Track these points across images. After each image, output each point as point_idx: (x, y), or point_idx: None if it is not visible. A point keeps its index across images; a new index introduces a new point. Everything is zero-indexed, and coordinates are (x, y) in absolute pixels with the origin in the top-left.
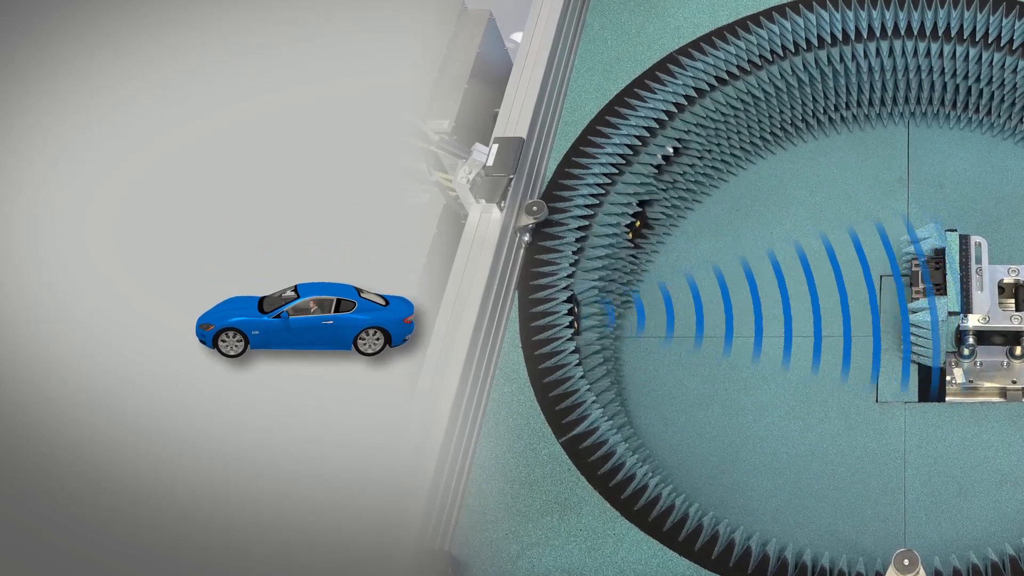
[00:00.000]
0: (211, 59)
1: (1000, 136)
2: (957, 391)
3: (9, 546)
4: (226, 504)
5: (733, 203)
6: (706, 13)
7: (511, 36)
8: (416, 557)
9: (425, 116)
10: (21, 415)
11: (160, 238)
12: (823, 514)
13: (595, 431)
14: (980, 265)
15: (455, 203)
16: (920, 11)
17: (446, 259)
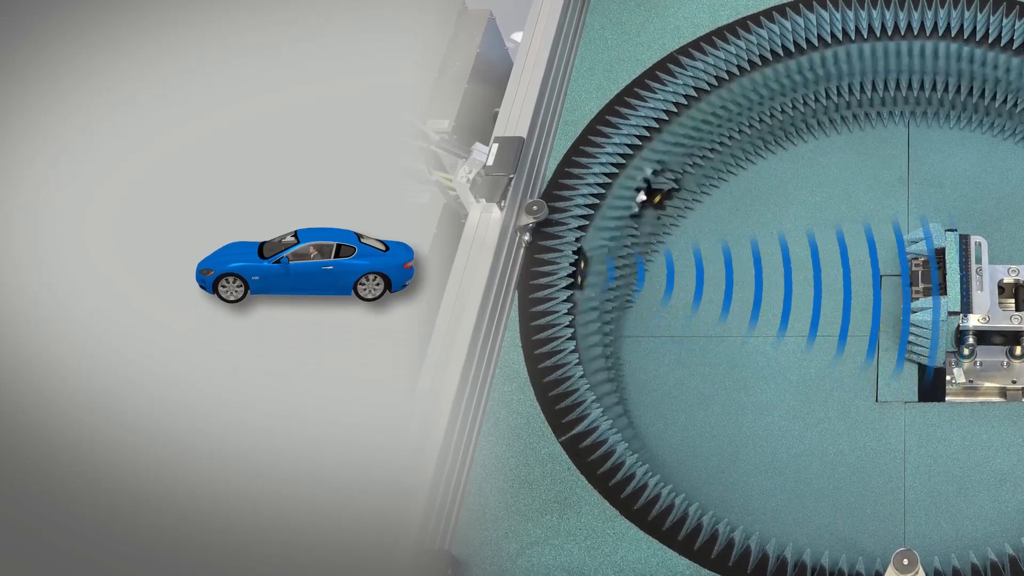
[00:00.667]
0: (211, 59)
1: (1000, 136)
2: (957, 391)
3: (9, 546)
4: (226, 504)
5: (733, 203)
6: (706, 13)
7: (511, 36)
8: (416, 557)
9: (425, 116)
10: (21, 415)
11: (160, 238)
12: (823, 514)
13: (595, 430)
14: (980, 265)
15: (455, 203)
16: (920, 11)
17: (446, 259)
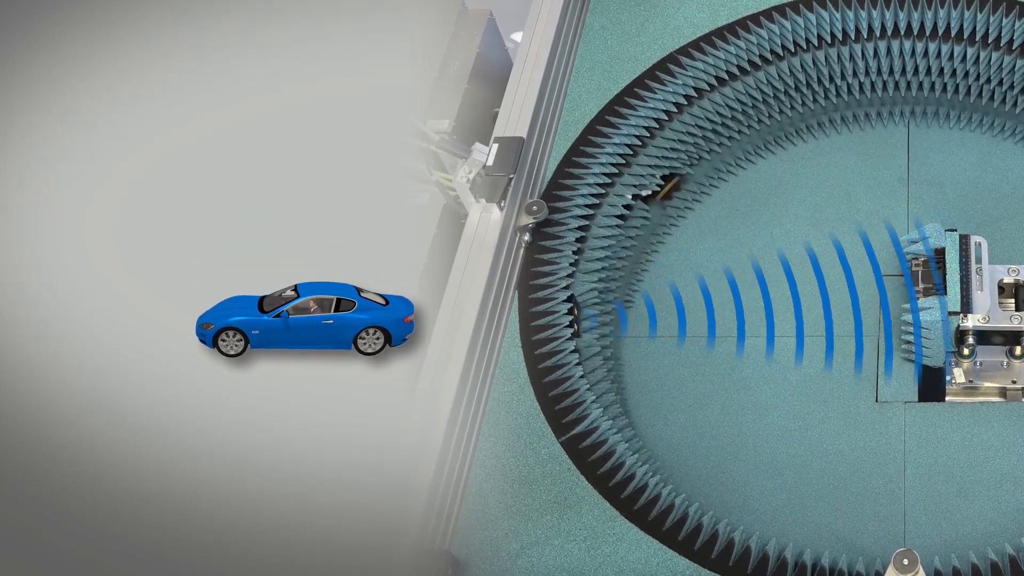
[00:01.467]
0: (211, 59)
1: (1000, 136)
2: (957, 391)
3: (9, 546)
4: (226, 504)
5: (733, 203)
6: (706, 13)
7: (511, 36)
8: (416, 557)
9: (425, 116)
10: (21, 415)
11: (160, 238)
12: (823, 514)
13: (595, 430)
14: (980, 265)
15: (455, 203)
16: (920, 11)
17: (446, 259)
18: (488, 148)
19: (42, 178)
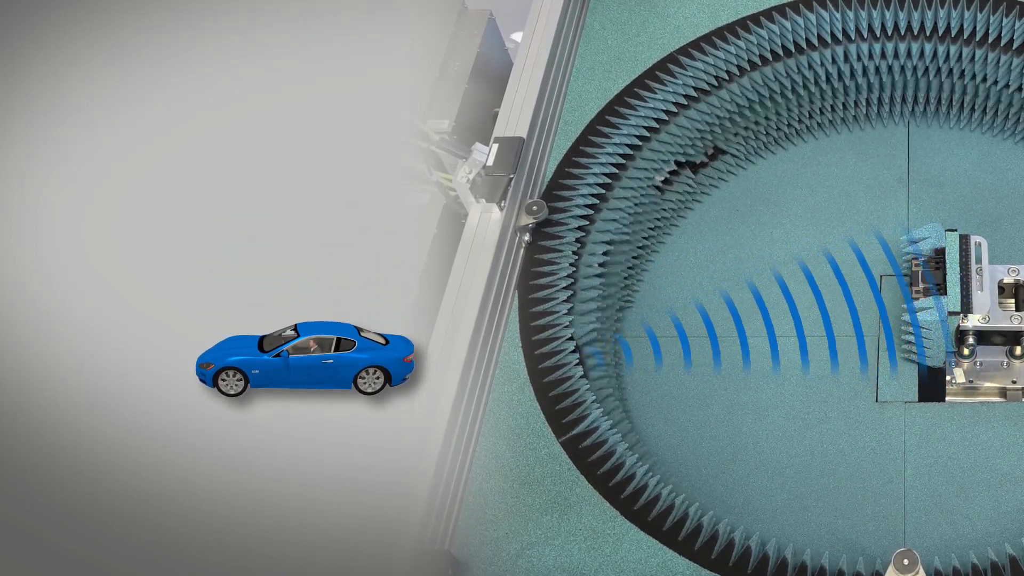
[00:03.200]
0: (211, 59)
1: (1000, 136)
2: (957, 391)
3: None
4: (226, 504)
5: (733, 203)
6: (706, 13)
7: (511, 36)
8: (416, 557)
9: (425, 116)
10: (21, 415)
11: (160, 238)
12: (823, 514)
13: (595, 431)
14: (980, 265)
15: (455, 203)
16: (920, 11)
17: (446, 259)
18: (488, 148)
19: (42, 178)
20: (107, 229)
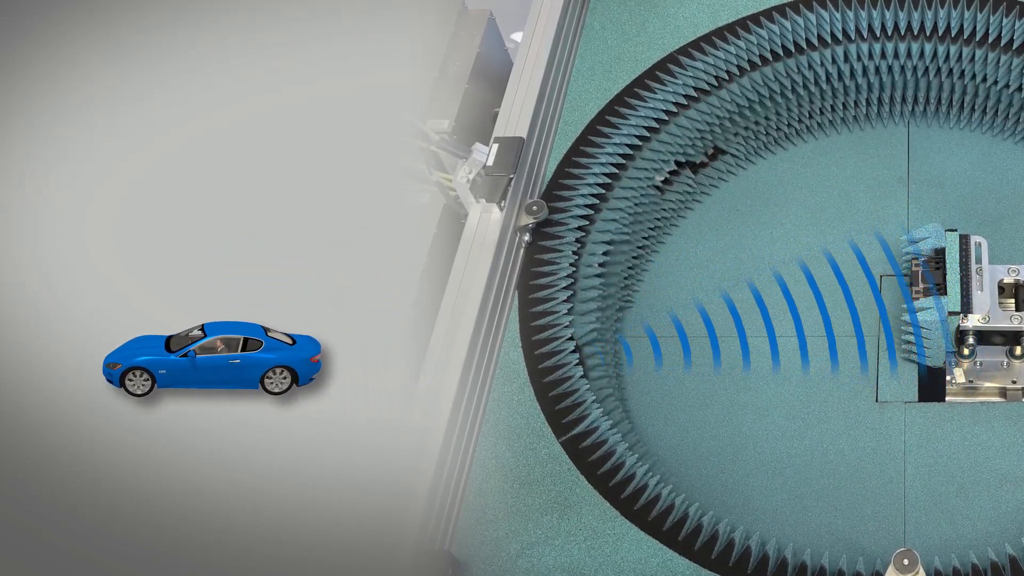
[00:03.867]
0: (211, 59)
1: (1000, 136)
2: (957, 391)
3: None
4: (226, 504)
5: (733, 203)
6: (706, 13)
7: (511, 36)
8: (416, 557)
9: (425, 116)
10: (21, 415)
11: (160, 238)
12: (823, 514)
13: (595, 431)
14: (980, 265)
15: (455, 203)
16: (920, 11)
17: (446, 259)
18: (488, 148)
19: (42, 178)
20: (107, 229)
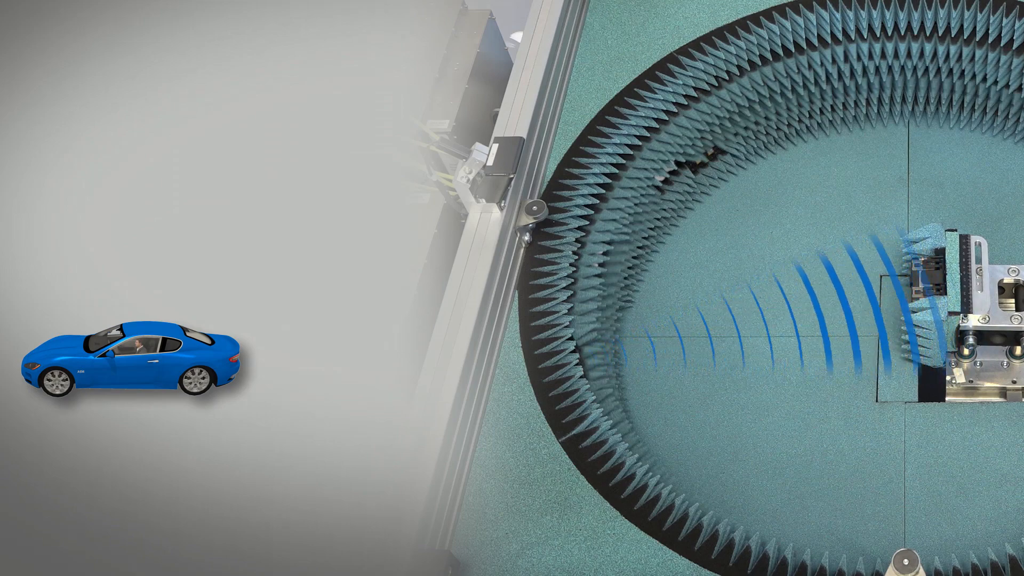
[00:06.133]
0: (211, 59)
1: (1000, 136)
2: (957, 391)
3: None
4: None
5: (733, 203)
6: (706, 13)
7: (511, 36)
8: (416, 557)
9: (425, 116)
10: (22, 415)
11: (160, 237)
12: (823, 514)
13: (595, 431)
14: (980, 265)
15: (455, 203)
16: (920, 11)
17: (446, 259)
18: (488, 148)
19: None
20: (107, 229)
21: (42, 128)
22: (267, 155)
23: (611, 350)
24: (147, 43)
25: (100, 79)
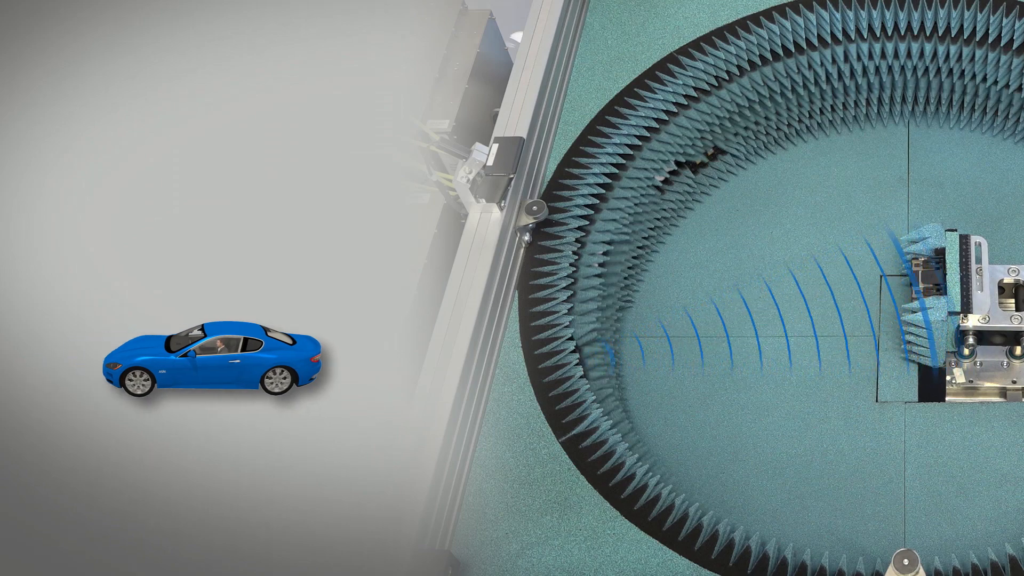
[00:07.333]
0: (211, 59)
1: (1000, 136)
2: (957, 391)
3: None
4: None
5: (733, 203)
6: (706, 13)
7: (511, 36)
8: (416, 557)
9: (425, 116)
10: (22, 415)
11: (161, 238)
12: (823, 514)
13: (595, 431)
14: (980, 265)
15: (455, 203)
16: (920, 11)
17: (446, 259)
18: (488, 148)
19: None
20: (107, 228)
21: (42, 128)
22: (267, 155)
23: (611, 350)
24: (147, 43)
25: (100, 79)
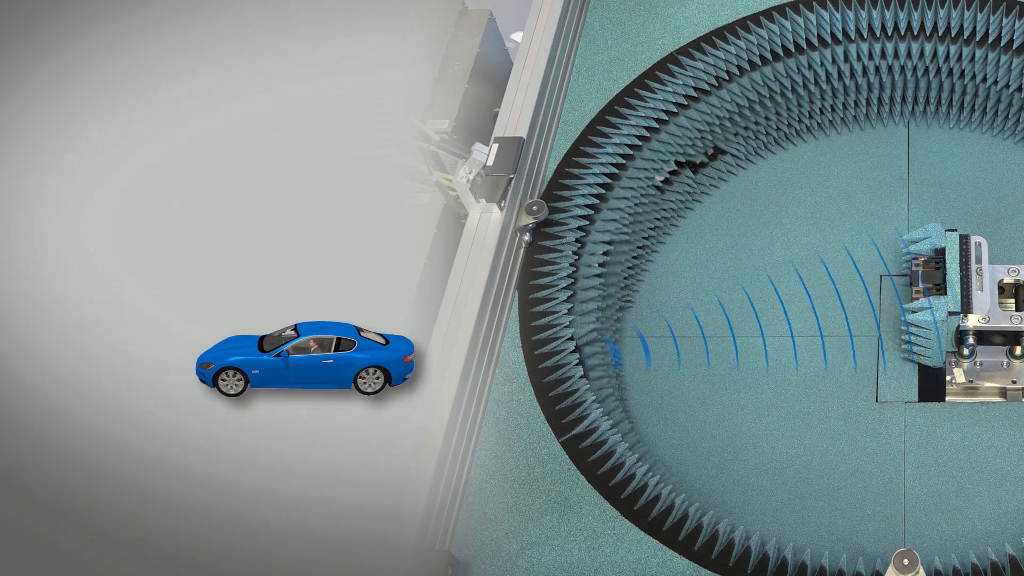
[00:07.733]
0: (211, 59)
1: (1000, 136)
2: (957, 391)
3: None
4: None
5: (733, 203)
6: (706, 13)
7: (511, 36)
8: (416, 557)
9: (425, 116)
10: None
11: (160, 238)
12: (823, 514)
13: (595, 431)
14: (980, 265)
15: (455, 203)
16: (920, 11)
17: (446, 259)
18: (488, 148)
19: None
20: (107, 228)
21: (42, 128)
22: (267, 155)
23: (616, 348)
24: (147, 43)
25: (100, 79)
